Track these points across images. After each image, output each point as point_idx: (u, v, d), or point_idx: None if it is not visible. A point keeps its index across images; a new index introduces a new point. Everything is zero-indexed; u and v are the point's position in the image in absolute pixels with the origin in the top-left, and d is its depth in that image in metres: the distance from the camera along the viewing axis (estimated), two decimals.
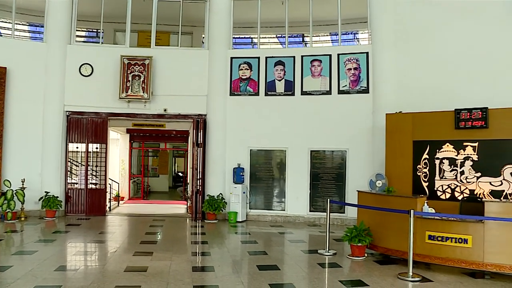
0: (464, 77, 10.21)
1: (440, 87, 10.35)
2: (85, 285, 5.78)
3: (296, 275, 6.67)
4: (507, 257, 6.35)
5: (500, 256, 6.38)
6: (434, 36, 10.77)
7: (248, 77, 12.35)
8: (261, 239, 9.62)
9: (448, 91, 10.15)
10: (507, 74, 9.86)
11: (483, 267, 6.47)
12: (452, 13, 10.65)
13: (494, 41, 10.10)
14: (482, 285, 6.21)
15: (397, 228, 7.20)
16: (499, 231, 6.44)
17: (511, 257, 6.33)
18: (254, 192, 12.32)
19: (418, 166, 8.92)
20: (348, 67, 11.72)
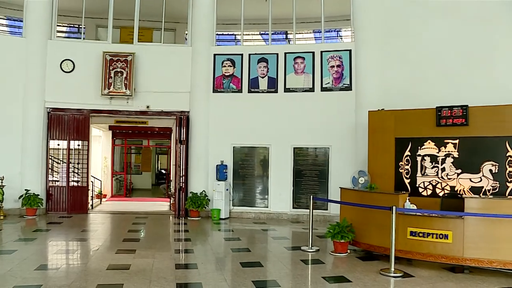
0: (446, 75, 10.31)
1: (422, 84, 10.44)
2: (66, 284, 5.68)
3: (279, 271, 6.66)
4: (486, 251, 6.44)
5: (479, 251, 6.47)
6: (417, 34, 10.85)
7: (231, 74, 12.30)
8: (244, 236, 9.60)
9: (430, 89, 10.26)
10: (486, 72, 9.98)
11: (463, 262, 6.55)
12: (433, 12, 10.74)
13: (474, 40, 10.20)
14: (461, 279, 6.28)
15: (379, 224, 7.24)
16: (478, 226, 6.52)
17: (489, 252, 6.42)
18: (237, 189, 12.29)
19: (400, 163, 8.98)
20: (331, 65, 11.75)
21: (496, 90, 9.54)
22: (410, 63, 10.81)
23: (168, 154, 19.25)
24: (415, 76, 10.66)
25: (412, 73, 10.71)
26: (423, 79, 10.51)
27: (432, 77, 10.45)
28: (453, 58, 10.34)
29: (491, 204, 6.66)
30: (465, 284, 6.03)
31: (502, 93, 9.21)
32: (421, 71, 10.62)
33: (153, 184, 23.30)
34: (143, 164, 22.05)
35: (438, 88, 10.18)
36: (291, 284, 6.01)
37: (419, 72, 10.64)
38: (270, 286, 5.87)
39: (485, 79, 9.91)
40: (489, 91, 9.48)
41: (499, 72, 9.87)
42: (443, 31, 10.55)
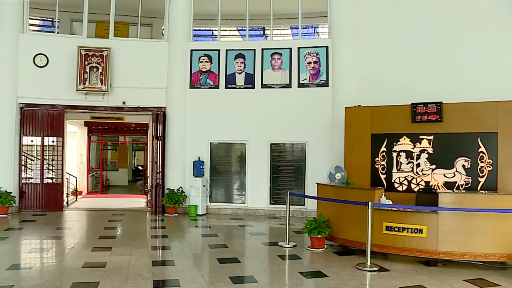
0: (421, 72, 10.45)
1: (398, 81, 10.55)
2: (40, 284, 5.55)
3: (257, 267, 6.66)
4: (458, 245, 6.58)
5: (452, 244, 6.59)
6: (393, 32, 10.96)
7: (208, 69, 12.20)
8: (221, 232, 9.56)
9: (405, 86, 10.37)
10: (460, 70, 10.15)
11: (437, 255, 6.66)
12: (410, 10, 10.86)
13: (449, 38, 10.37)
14: (435, 272, 6.38)
15: (355, 219, 7.29)
16: (451, 220, 6.64)
17: (462, 245, 6.56)
18: (215, 185, 12.23)
19: (376, 159, 9.05)
20: (308, 61, 11.76)
21: (470, 87, 9.73)
22: (386, 60, 10.91)
23: (145, 150, 19.02)
24: (391, 72, 10.76)
25: (389, 70, 10.81)
26: (399, 75, 10.63)
27: (407, 74, 10.57)
28: (428, 56, 10.49)
29: (463, 199, 6.81)
30: (439, 277, 6.13)
31: (475, 90, 9.39)
32: (397, 68, 10.73)
33: (130, 180, 23.04)
34: (120, 160, 21.75)
35: (414, 85, 10.30)
36: (268, 280, 6.01)
37: (395, 69, 10.75)
38: (247, 282, 5.86)
39: (459, 76, 10.09)
40: (463, 89, 9.66)
41: (473, 70, 10.05)
42: (419, 29, 10.67)
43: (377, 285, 5.77)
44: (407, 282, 5.89)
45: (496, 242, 6.51)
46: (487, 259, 6.51)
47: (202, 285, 5.63)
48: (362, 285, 5.82)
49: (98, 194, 17.40)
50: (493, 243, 6.52)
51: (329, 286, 5.70)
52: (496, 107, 8.04)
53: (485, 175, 8.01)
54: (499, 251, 6.50)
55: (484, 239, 6.53)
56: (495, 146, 7.97)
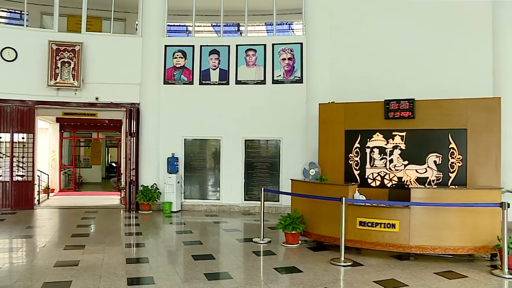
0: (394, 69, 10.61)
1: (372, 78, 10.67)
2: (8, 285, 5.38)
3: (231, 263, 6.63)
4: (429, 239, 6.70)
5: (423, 238, 6.71)
6: (366, 29, 11.07)
7: (183, 65, 12.08)
8: (196, 228, 9.49)
9: (379, 82, 10.51)
10: (431, 67, 10.34)
11: (409, 250, 6.76)
12: (382, 7, 11.01)
13: (420, 35, 10.56)
14: (407, 266, 6.47)
15: (329, 215, 7.33)
16: (423, 215, 6.75)
17: (433, 239, 6.69)
18: (189, 181, 12.14)
19: (350, 155, 9.12)
20: (283, 57, 11.76)
21: (441, 84, 9.93)
22: (360, 57, 11.01)
23: (119, 147, 18.73)
24: (365, 69, 10.86)
25: (362, 67, 10.91)
26: (372, 73, 10.75)
27: (381, 71, 10.70)
28: (401, 53, 10.65)
29: (434, 194, 6.92)
30: (411, 270, 6.21)
31: (447, 87, 9.61)
32: (371, 65, 10.85)
33: (103, 177, 22.68)
34: (93, 157, 21.36)
35: (387, 82, 10.44)
36: (243, 276, 5.98)
37: (368, 65, 10.86)
38: (222, 278, 5.81)
39: (432, 74, 10.29)
40: (435, 86, 9.86)
41: (444, 67, 10.25)
42: (392, 27, 10.82)
43: (351, 280, 5.81)
44: (380, 276, 5.96)
45: (464, 235, 6.66)
46: (456, 252, 6.66)
47: (177, 282, 5.56)
48: (336, 280, 5.85)
49: (71, 191, 17.05)
50: (462, 237, 6.66)
51: (303, 281, 5.71)
52: (466, 105, 8.19)
53: (456, 170, 8.17)
54: (468, 244, 6.65)
55: (454, 233, 6.67)
56: (465, 142, 8.13)
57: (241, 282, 5.64)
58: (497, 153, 7.94)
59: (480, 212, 6.62)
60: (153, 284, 5.51)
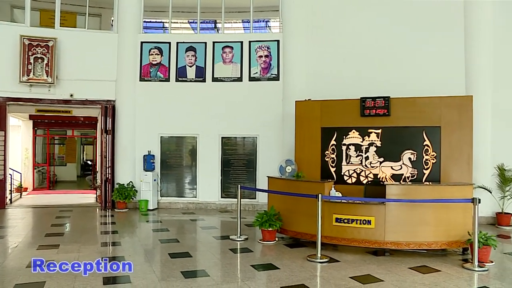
0: (371, 67, 10.66)
1: (348, 75, 10.71)
2: None
3: (208, 261, 6.57)
4: (404, 234, 6.77)
5: (398, 234, 6.77)
6: (343, 27, 11.10)
7: (159, 62, 11.93)
8: (172, 226, 9.38)
9: (355, 80, 10.55)
10: (406, 65, 10.44)
11: (384, 245, 6.81)
12: (359, 5, 11.05)
13: (395, 33, 10.64)
14: (382, 261, 6.53)
15: (306, 212, 7.34)
16: (398, 211, 6.81)
17: (408, 235, 6.76)
18: (165, 179, 12.01)
19: (326, 152, 9.15)
20: (259, 55, 11.73)
21: (416, 83, 10.03)
22: (336, 54, 11.03)
23: (94, 145, 18.43)
24: (341, 67, 10.89)
25: (338, 65, 10.94)
26: (349, 70, 10.79)
27: (357, 68, 10.75)
28: (377, 51, 10.71)
29: (409, 190, 6.98)
30: (386, 266, 6.27)
31: (421, 85, 9.72)
32: (347, 62, 10.88)
33: (79, 175, 22.31)
34: (68, 155, 20.96)
35: (363, 79, 10.50)
36: (220, 273, 5.94)
37: (345, 63, 10.90)
38: (199, 276, 5.75)
39: (407, 71, 10.38)
40: (410, 84, 9.94)
41: (419, 66, 10.34)
42: (368, 24, 10.88)
43: (328, 276, 5.82)
44: (356, 272, 5.99)
45: (438, 231, 6.75)
46: (430, 247, 6.74)
47: (154, 281, 5.48)
48: (313, 276, 5.85)
49: (45, 190, 16.67)
50: (435, 232, 6.75)
51: (280, 278, 5.69)
52: (440, 103, 8.32)
53: (430, 167, 8.28)
54: (441, 239, 6.74)
55: (428, 228, 6.75)
56: (439, 140, 8.25)
57: (218, 280, 5.60)
58: (469, 150, 8.09)
59: (453, 208, 6.72)
60: (129, 283, 5.41)
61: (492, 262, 6.37)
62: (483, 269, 6.06)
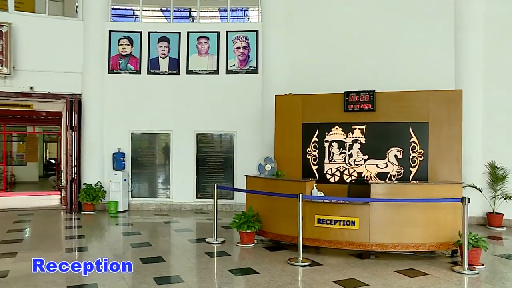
0: (355, 60, 10.75)
1: (331, 69, 10.77)
2: None
3: (183, 266, 6.57)
4: (390, 236, 6.87)
5: (384, 235, 6.87)
6: (326, 17, 11.17)
7: (129, 53, 11.82)
8: (145, 229, 9.34)
9: (338, 73, 10.62)
10: (393, 59, 10.55)
11: (369, 248, 6.91)
12: None
13: (383, 27, 10.73)
14: (367, 265, 6.62)
15: (286, 213, 7.39)
16: (383, 212, 6.92)
17: (394, 236, 6.87)
18: (137, 179, 11.93)
19: (307, 149, 9.21)
20: (237, 46, 11.73)
21: (403, 77, 10.11)
22: (319, 46, 11.10)
23: (58, 142, 18.13)
24: (323, 60, 10.97)
25: (321, 57, 11.01)
26: (331, 63, 10.85)
27: (340, 61, 10.82)
28: (361, 43, 10.80)
29: (395, 189, 7.08)
30: (371, 269, 6.36)
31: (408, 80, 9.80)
32: (330, 55, 10.95)
33: (41, 176, 21.98)
34: (28, 153, 20.50)
35: (347, 73, 10.59)
36: (196, 279, 5.94)
37: (327, 56, 10.97)
38: (173, 282, 5.75)
39: (393, 65, 10.49)
40: (396, 78, 10.03)
41: (406, 60, 10.44)
42: (354, 17, 10.97)
43: (309, 280, 5.88)
44: (340, 275, 6.06)
45: (426, 232, 6.88)
46: (418, 249, 6.86)
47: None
48: (294, 280, 5.90)
49: (2, 192, 16.36)
50: (423, 233, 6.87)
51: (259, 283, 5.73)
52: (427, 97, 8.44)
53: (417, 165, 8.42)
54: (429, 241, 6.87)
55: (415, 230, 6.86)
56: (426, 136, 8.38)
57: (193, 286, 5.61)
58: (459, 147, 8.23)
59: (442, 208, 6.85)
60: None
61: (483, 265, 6.51)
62: (473, 272, 6.18)
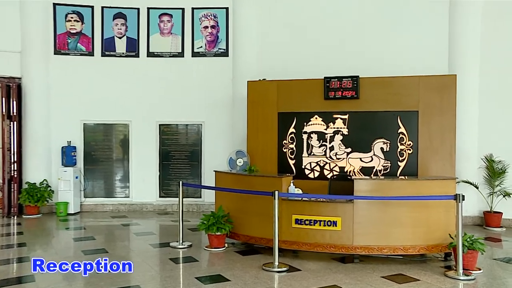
0: (337, 41, 10.75)
1: (310, 52, 10.80)
2: None
3: (144, 274, 6.48)
4: (376, 237, 6.88)
5: (369, 237, 6.89)
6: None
7: (79, 31, 11.60)
8: (100, 234, 9.22)
9: (319, 57, 10.67)
10: (378, 43, 10.59)
11: (353, 251, 6.93)
12: None
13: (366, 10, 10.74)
14: (351, 269, 6.64)
15: (260, 212, 7.36)
16: (368, 210, 6.93)
17: (380, 238, 6.88)
18: (91, 176, 11.80)
19: (284, 142, 9.21)
20: (205, 25, 11.66)
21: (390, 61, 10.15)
22: (297, 26, 11.08)
23: None
24: (302, 42, 10.97)
25: (299, 39, 11.00)
26: (311, 46, 10.87)
27: (321, 44, 10.84)
28: (347, 23, 10.79)
29: (381, 186, 7.15)
30: (355, 275, 6.38)
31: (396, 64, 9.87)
32: (310, 37, 10.96)
33: None
34: None
35: (328, 56, 10.60)
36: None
37: (307, 38, 10.97)
38: None
39: (379, 49, 10.52)
40: (383, 63, 10.08)
41: (394, 42, 10.48)
42: None
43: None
44: (321, 282, 6.06)
45: (415, 233, 6.91)
46: (407, 252, 6.91)
47: None
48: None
49: None
50: (412, 234, 6.91)
51: None
52: (417, 83, 8.53)
53: (405, 158, 8.51)
54: (419, 243, 6.91)
55: (403, 230, 6.90)
56: (416, 127, 8.48)
57: None
58: (452, 138, 8.34)
59: (433, 206, 6.90)
60: None
61: (479, 270, 6.57)
62: (469, 278, 6.24)
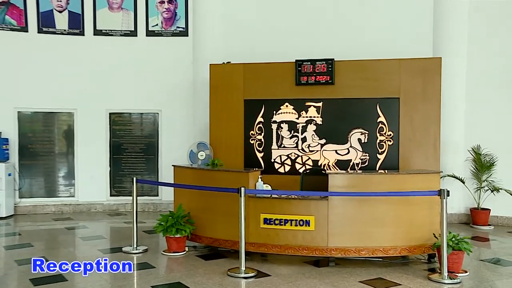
0: (310, 20, 10.79)
1: (280, 32, 10.82)
2: None
3: (93, 284, 6.34)
4: (353, 238, 6.89)
5: (345, 237, 6.89)
6: None
7: (7, 1, 11.28)
8: (38, 240, 9.01)
9: (290, 37, 10.71)
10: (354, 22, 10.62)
11: (328, 253, 6.92)
12: None
13: None
14: (326, 274, 6.64)
15: (225, 212, 7.33)
16: (344, 208, 6.94)
17: (358, 238, 6.89)
18: (28, 173, 11.58)
19: (251, 132, 9.20)
20: (160, 0, 11.52)
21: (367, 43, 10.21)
22: (267, 4, 11.12)
23: None
24: (271, 21, 10.99)
25: (268, 18, 11.04)
26: (281, 26, 10.89)
27: (293, 22, 10.89)
28: (318, 3, 10.86)
29: (358, 181, 7.17)
30: (331, 280, 6.38)
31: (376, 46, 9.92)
32: (279, 15, 11.01)
33: None
34: None
35: (301, 37, 10.66)
36: None
37: (276, 16, 11.01)
38: None
39: (356, 29, 10.57)
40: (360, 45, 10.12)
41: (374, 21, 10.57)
42: None
43: None
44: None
45: (396, 232, 6.96)
46: (387, 253, 6.95)
47: None
48: None
49: None
50: (393, 234, 6.95)
51: None
52: (398, 67, 8.61)
53: (385, 150, 8.59)
54: (400, 243, 6.95)
55: (383, 230, 6.93)
56: (397, 115, 8.56)
57: None
58: (436, 128, 8.45)
59: (416, 203, 6.94)
60: None
61: (466, 272, 6.65)
62: (455, 281, 6.30)
